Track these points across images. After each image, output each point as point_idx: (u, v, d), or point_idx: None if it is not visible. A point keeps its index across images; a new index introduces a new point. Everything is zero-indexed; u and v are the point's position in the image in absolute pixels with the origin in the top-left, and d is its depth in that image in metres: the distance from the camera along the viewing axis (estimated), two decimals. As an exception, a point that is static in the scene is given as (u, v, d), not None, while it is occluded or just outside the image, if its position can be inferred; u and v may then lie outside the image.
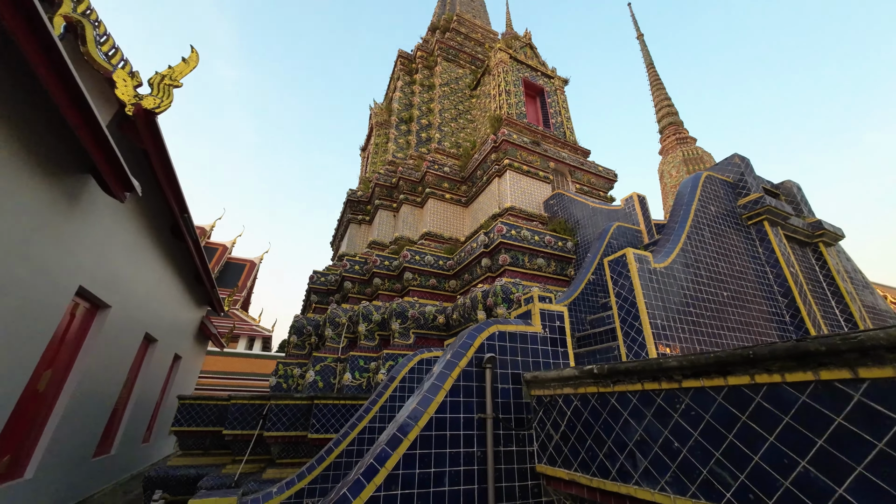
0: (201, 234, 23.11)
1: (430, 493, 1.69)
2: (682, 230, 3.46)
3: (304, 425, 4.46)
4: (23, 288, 3.65)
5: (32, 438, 4.57)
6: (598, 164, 8.96)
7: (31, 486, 4.46)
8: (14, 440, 4.26)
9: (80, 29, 4.14)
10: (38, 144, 3.53)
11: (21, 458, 4.44)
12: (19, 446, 4.35)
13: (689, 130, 21.01)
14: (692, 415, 1.28)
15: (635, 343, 2.78)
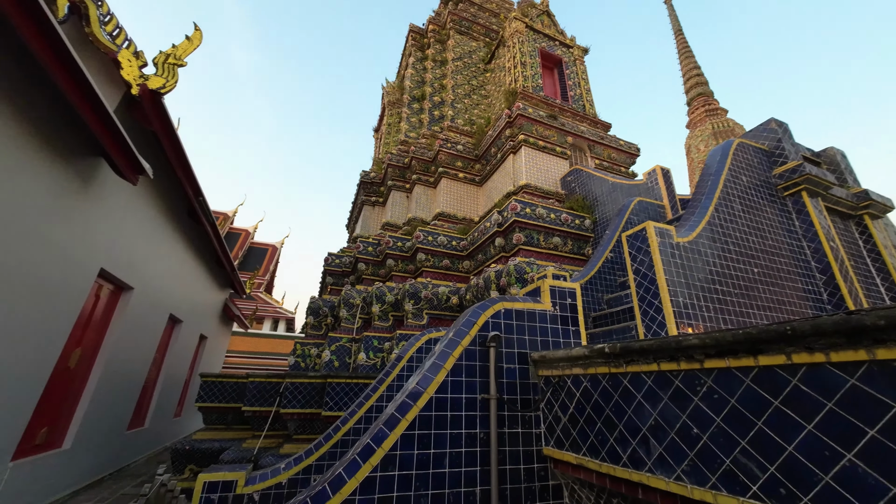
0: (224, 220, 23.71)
1: (430, 475, 1.62)
2: (709, 202, 3.20)
3: (318, 403, 4.52)
4: (42, 269, 3.76)
5: (67, 412, 4.84)
6: (619, 139, 8.51)
7: (68, 455, 4.74)
8: (50, 413, 4.51)
9: (84, 9, 4.09)
10: (47, 129, 3.56)
11: (58, 430, 4.71)
12: (55, 419, 4.61)
13: (719, 102, 19.70)
14: (715, 398, 1.13)
15: (654, 322, 2.61)
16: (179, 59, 4.37)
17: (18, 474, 3.87)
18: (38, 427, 4.31)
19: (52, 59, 3.03)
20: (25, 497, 4.00)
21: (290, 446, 4.49)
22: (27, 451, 4.12)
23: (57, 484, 4.54)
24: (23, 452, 4.03)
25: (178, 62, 4.36)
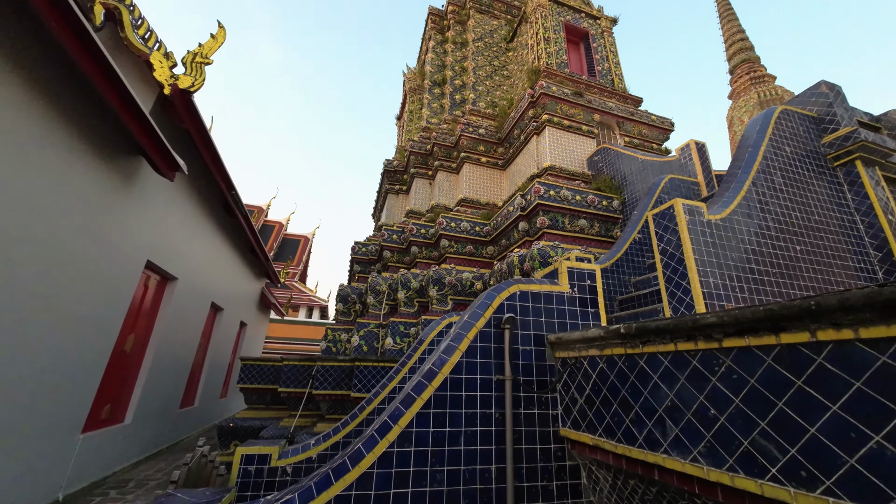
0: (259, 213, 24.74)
1: (446, 452, 1.66)
2: (745, 176, 2.98)
3: (347, 385, 4.71)
4: (96, 262, 4.10)
5: (126, 391, 5.32)
6: (650, 114, 8.05)
7: (129, 430, 5.24)
8: (111, 391, 4.98)
9: (118, 14, 4.31)
10: (92, 132, 3.83)
11: (119, 407, 5.20)
12: (116, 397, 5.09)
13: (766, 68, 18.06)
14: (734, 378, 1.08)
15: (682, 304, 2.50)
16: (206, 58, 4.54)
17: (88, 445, 4.32)
18: (102, 404, 4.78)
19: (95, 70, 3.25)
20: (94, 466, 4.48)
21: (322, 425, 4.73)
22: (94, 425, 4.58)
23: (121, 455, 5.04)
24: (90, 426, 4.49)
25: (205, 60, 4.53)
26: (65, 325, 3.77)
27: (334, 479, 1.52)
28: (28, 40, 3.06)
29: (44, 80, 3.24)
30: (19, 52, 2.98)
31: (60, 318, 3.69)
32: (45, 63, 3.24)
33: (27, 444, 3.42)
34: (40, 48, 3.18)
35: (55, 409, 3.75)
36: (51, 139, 3.35)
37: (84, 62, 3.15)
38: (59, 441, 3.85)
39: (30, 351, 3.38)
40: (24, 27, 3.01)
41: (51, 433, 3.72)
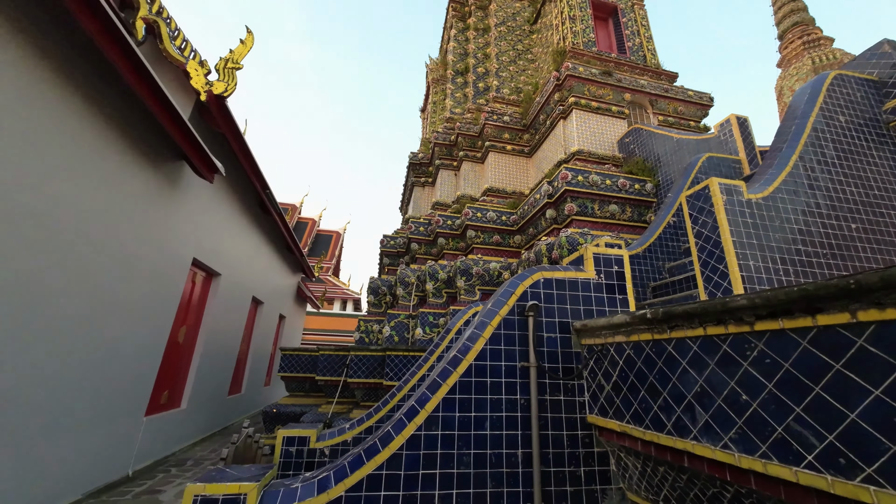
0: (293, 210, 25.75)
1: (472, 436, 1.71)
2: (791, 151, 2.77)
3: (379, 373, 4.88)
4: (149, 260, 4.45)
5: (181, 379, 5.79)
6: (687, 89, 7.58)
7: (185, 414, 5.71)
8: (169, 378, 5.43)
9: (157, 28, 4.59)
10: (140, 139, 4.13)
11: (176, 393, 5.67)
12: (172, 384, 5.55)
13: (822, 30, 16.37)
14: (766, 363, 1.04)
15: (719, 289, 2.38)
16: (237, 63, 4.75)
17: (150, 428, 4.76)
18: (161, 390, 5.23)
19: (141, 84, 3.51)
20: (157, 446, 4.93)
21: (358, 411, 4.94)
22: (155, 409, 5.03)
23: (179, 437, 5.51)
24: (152, 410, 4.94)
25: (236, 66, 4.74)
26: (126, 318, 4.14)
27: (366, 459, 1.61)
28: (81, 60, 3.34)
29: (98, 95, 3.53)
30: (75, 70, 3.26)
31: (122, 311, 4.07)
32: (98, 79, 3.52)
33: (102, 426, 3.82)
34: (92, 67, 3.45)
35: (123, 394, 4.16)
36: (105, 149, 3.65)
37: (131, 78, 3.40)
38: (128, 423, 4.27)
39: (100, 342, 3.75)
40: (77, 51, 3.28)
41: (121, 415, 4.13)
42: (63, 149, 3.19)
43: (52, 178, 3.09)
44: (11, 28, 2.71)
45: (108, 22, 3.00)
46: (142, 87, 3.55)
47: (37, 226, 2.97)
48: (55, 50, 3.08)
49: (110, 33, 3.09)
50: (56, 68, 3.09)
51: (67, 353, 3.37)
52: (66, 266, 3.29)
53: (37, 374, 3.06)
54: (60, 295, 3.24)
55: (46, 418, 3.17)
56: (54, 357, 3.23)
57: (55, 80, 3.08)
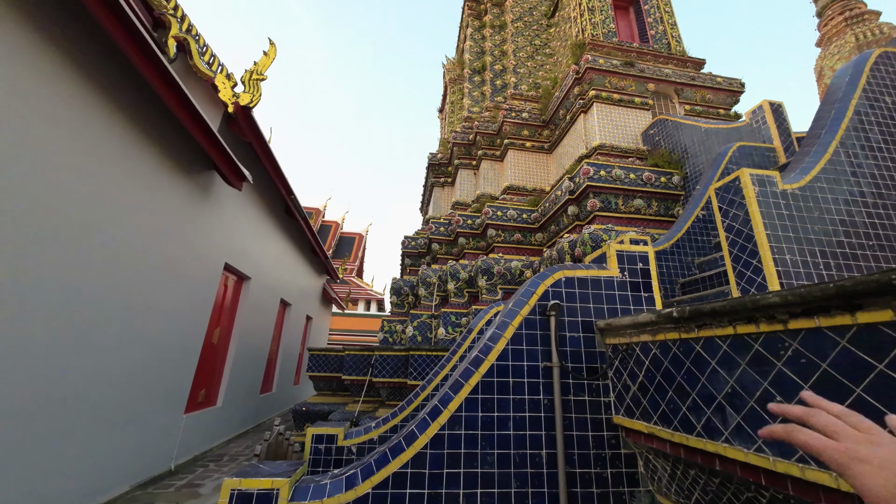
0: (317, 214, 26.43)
1: (495, 436, 1.71)
2: (830, 137, 2.61)
3: (403, 373, 4.94)
4: (186, 265, 4.70)
5: (216, 378, 6.07)
6: (715, 76, 7.25)
7: (221, 412, 5.98)
8: (206, 378, 5.71)
9: (187, 45, 4.82)
10: (173, 151, 4.36)
11: (212, 391, 5.96)
12: (209, 383, 5.83)
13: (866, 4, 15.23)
14: (802, 363, 0.99)
15: (753, 285, 2.27)
16: (261, 74, 4.93)
17: (190, 424, 5.02)
18: (199, 389, 5.51)
19: (174, 100, 3.72)
20: (196, 442, 5.19)
21: (383, 410, 5.03)
22: (193, 407, 5.30)
23: (215, 433, 5.79)
24: (191, 408, 5.21)
25: (261, 77, 4.92)
26: (167, 321, 4.39)
27: (391, 458, 1.64)
28: (122, 82, 3.56)
29: (137, 114, 3.75)
30: (116, 90, 3.49)
31: (163, 314, 4.31)
32: (136, 98, 3.75)
33: (147, 422, 4.07)
34: (132, 87, 3.68)
35: (165, 392, 4.41)
36: (144, 164, 3.88)
37: (166, 95, 3.62)
38: (170, 420, 4.52)
39: (144, 343, 4.00)
40: (117, 74, 3.51)
41: (163, 413, 4.38)
42: (110, 167, 3.42)
43: (101, 194, 3.32)
44: (73, 64, 2.93)
45: (146, 46, 3.19)
46: (175, 103, 3.75)
47: (88, 238, 3.20)
48: (101, 79, 3.30)
49: (148, 57, 3.29)
50: (104, 93, 3.31)
51: (118, 354, 3.62)
52: (115, 274, 3.53)
53: (95, 374, 3.31)
54: (109, 301, 3.48)
55: (103, 415, 3.41)
56: (109, 359, 3.47)
57: (104, 105, 3.31)
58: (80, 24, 3.12)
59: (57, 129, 2.91)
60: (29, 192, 2.69)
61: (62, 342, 2.98)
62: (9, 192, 2.55)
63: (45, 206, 2.81)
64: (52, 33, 2.87)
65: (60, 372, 2.96)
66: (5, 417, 2.55)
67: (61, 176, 2.95)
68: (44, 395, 2.83)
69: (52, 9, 2.86)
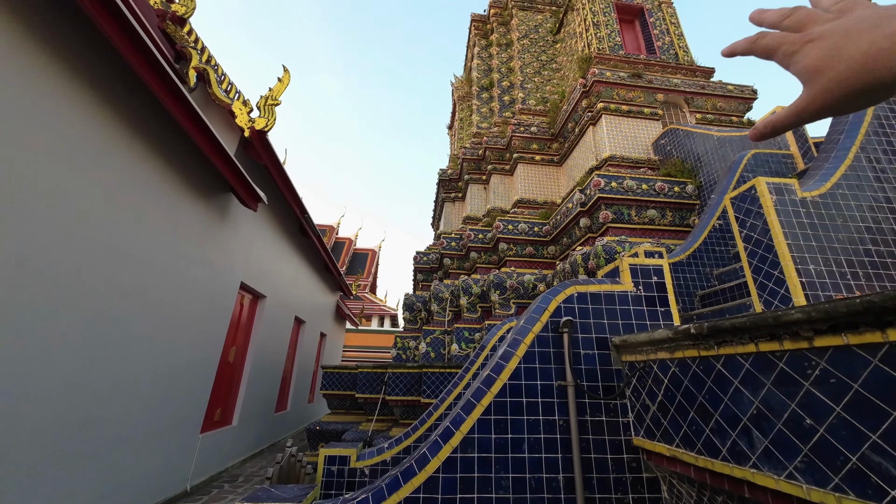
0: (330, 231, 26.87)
1: (510, 459, 1.66)
2: (850, 141, 2.53)
3: (417, 391, 4.88)
4: (204, 285, 4.80)
5: (232, 397, 6.11)
6: (725, 84, 7.20)
7: (236, 431, 5.99)
8: (222, 397, 5.75)
9: (206, 75, 5.06)
10: (193, 175, 4.53)
11: (228, 411, 5.99)
12: (225, 402, 5.87)
13: (880, 5, 14.92)
14: (831, 383, 0.93)
15: (776, 297, 2.18)
16: (276, 100, 5.11)
17: (206, 444, 5.04)
18: (215, 408, 5.54)
19: (194, 128, 3.88)
20: (212, 461, 5.20)
21: (397, 429, 4.95)
22: (209, 426, 5.33)
23: (230, 453, 5.78)
24: (207, 427, 5.23)
25: (275, 102, 5.10)
26: (184, 340, 4.47)
27: (403, 482, 1.60)
28: (145, 111, 3.75)
29: (160, 142, 3.93)
30: (141, 121, 3.67)
31: (182, 333, 4.39)
32: (159, 127, 3.93)
33: (164, 442, 4.11)
34: (153, 115, 3.86)
35: (182, 411, 4.45)
36: (165, 187, 4.03)
37: (187, 124, 3.79)
38: (186, 439, 4.55)
39: (163, 362, 4.07)
40: (140, 103, 3.69)
41: (180, 432, 4.41)
42: (135, 194, 3.57)
43: (128, 220, 3.46)
44: (102, 98, 3.11)
45: (169, 81, 3.36)
46: (195, 131, 3.92)
47: (118, 262, 3.32)
48: (126, 110, 3.48)
49: (171, 91, 3.47)
50: (129, 125, 3.49)
51: (140, 375, 3.69)
52: (140, 297, 3.64)
53: (117, 395, 3.38)
54: (134, 323, 3.58)
55: (124, 435, 3.47)
56: (130, 380, 3.55)
57: (129, 135, 3.48)
58: (107, 61, 3.31)
59: (90, 160, 3.06)
60: (64, 221, 2.82)
61: (89, 364, 3.06)
62: (50, 221, 2.68)
63: (78, 234, 2.94)
64: (81, 69, 3.05)
65: (85, 393, 3.03)
66: (32, 440, 2.61)
67: (93, 204, 3.09)
68: (68, 417, 2.89)
69: (82, 46, 3.05)
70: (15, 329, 2.50)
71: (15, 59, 2.50)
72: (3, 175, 2.40)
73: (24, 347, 2.56)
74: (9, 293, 2.44)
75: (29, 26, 2.60)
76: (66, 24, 2.90)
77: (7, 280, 2.43)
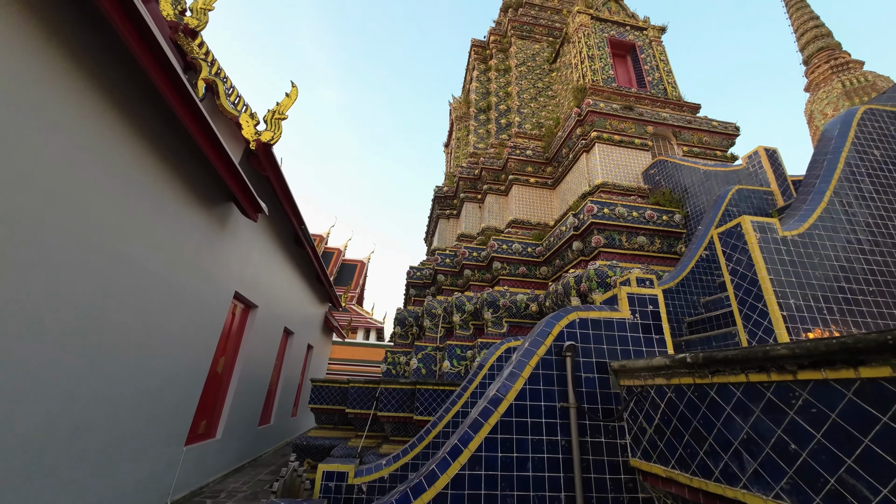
0: (319, 241, 26.69)
1: (514, 477, 1.74)
2: (825, 186, 2.77)
3: (409, 407, 4.89)
4: (198, 293, 4.78)
5: (218, 409, 5.98)
6: (711, 119, 7.63)
7: (220, 444, 5.85)
8: (207, 408, 5.63)
9: (215, 87, 5.16)
10: (195, 184, 4.57)
11: (213, 423, 5.85)
12: (210, 414, 5.74)
13: (850, 54, 16.16)
14: (813, 412, 1.06)
15: (759, 328, 2.35)
16: (283, 114, 5.23)
17: (189, 457, 4.91)
18: (200, 420, 5.42)
19: (202, 137, 3.94)
20: (195, 476, 5.06)
21: (387, 446, 4.93)
22: (194, 439, 5.20)
23: (214, 467, 5.63)
24: (191, 440, 5.11)
25: (282, 116, 5.22)
26: (176, 349, 4.42)
27: (413, 498, 1.66)
28: (154, 118, 3.81)
29: (168, 152, 3.98)
30: (150, 129, 3.72)
31: (173, 342, 4.34)
32: (163, 131, 3.98)
33: (150, 454, 4.01)
34: (163, 123, 3.93)
35: (169, 422, 4.36)
36: (169, 194, 4.06)
37: (197, 134, 3.85)
38: (171, 452, 4.44)
39: (152, 372, 4.01)
40: (151, 111, 3.76)
41: (165, 444, 4.31)
42: (140, 200, 3.59)
43: (131, 225, 3.47)
44: (112, 102, 3.18)
45: (183, 90, 3.45)
46: (204, 141, 3.98)
47: (116, 268, 3.32)
48: (136, 117, 3.55)
49: (184, 100, 3.55)
50: (139, 131, 3.54)
51: (130, 383, 3.63)
52: (136, 304, 3.62)
53: (107, 404, 3.32)
54: (128, 330, 3.55)
55: (112, 446, 3.39)
56: (121, 388, 3.49)
57: (138, 143, 3.53)
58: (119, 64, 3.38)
59: (94, 161, 3.10)
60: (62, 222, 2.83)
61: (81, 371, 3.02)
62: (48, 222, 2.69)
63: (77, 236, 2.95)
64: (91, 69, 3.12)
65: (77, 400, 2.98)
66: (20, 447, 2.56)
67: (94, 206, 3.11)
68: (60, 424, 2.83)
69: (94, 48, 3.13)
70: (9, 331, 2.48)
71: (32, 57, 2.57)
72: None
73: (20, 350, 2.53)
74: (2, 295, 2.43)
75: (45, 24, 2.67)
76: (84, 27, 2.96)
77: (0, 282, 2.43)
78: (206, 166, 4.64)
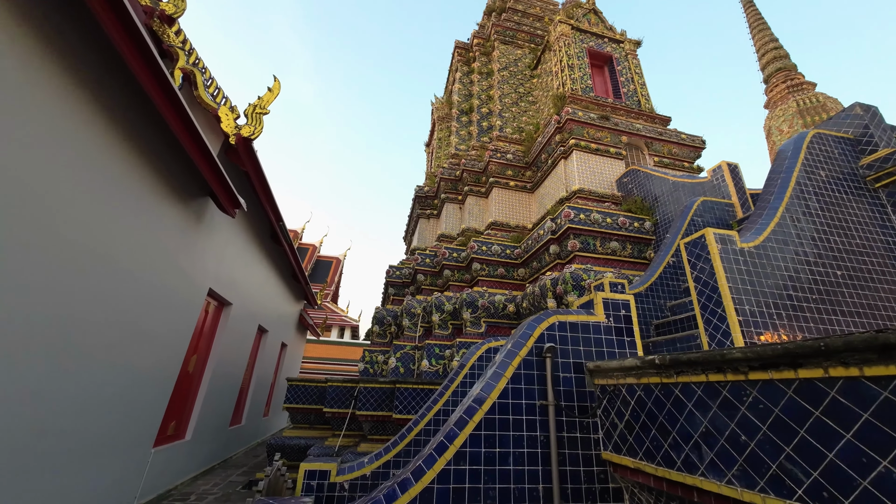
0: (295, 236, 26.06)
1: (497, 471, 1.84)
2: (778, 202, 3.04)
3: (388, 406, 4.94)
4: (172, 290, 4.63)
5: (188, 409, 5.80)
6: (680, 132, 8.06)
7: (190, 445, 5.68)
8: (177, 409, 5.46)
9: (193, 77, 5.00)
10: (171, 177, 4.42)
11: (182, 424, 5.67)
12: (180, 415, 5.57)
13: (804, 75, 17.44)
14: (760, 408, 1.22)
15: (718, 332, 2.57)
16: (264, 109, 5.13)
17: (158, 459, 4.76)
18: (169, 421, 5.25)
19: (181, 129, 3.82)
20: (163, 478, 4.90)
21: (365, 445, 4.96)
22: (163, 440, 5.04)
23: (183, 469, 5.47)
24: (160, 441, 4.94)
25: (263, 111, 5.12)
26: (147, 347, 4.27)
27: (400, 493, 1.74)
28: (129, 102, 3.67)
29: (143, 141, 3.84)
30: (122, 115, 3.59)
31: (144, 340, 4.20)
32: (143, 127, 3.84)
33: (117, 456, 3.86)
34: (138, 110, 3.79)
35: (137, 424, 4.21)
36: (143, 186, 3.92)
37: (175, 125, 3.73)
38: (139, 454, 4.29)
39: (123, 372, 3.86)
40: (124, 96, 3.62)
41: (133, 446, 4.16)
42: (111, 191, 3.45)
43: (102, 218, 3.33)
44: (80, 82, 3.04)
45: (161, 75, 3.35)
46: (182, 131, 3.86)
47: (87, 263, 3.18)
48: (109, 101, 3.41)
49: (161, 86, 3.44)
50: (111, 117, 3.40)
51: (100, 383, 3.50)
52: (107, 300, 3.48)
53: (76, 404, 3.18)
54: (98, 328, 3.41)
55: (80, 448, 3.25)
56: (91, 388, 3.36)
57: (109, 129, 3.39)
58: (92, 44, 3.24)
59: (62, 149, 2.96)
60: (32, 216, 2.70)
61: (46, 371, 2.89)
62: (14, 216, 2.56)
63: (47, 230, 2.82)
64: (64, 51, 2.99)
65: (46, 402, 2.85)
66: (-20, 451, 2.44)
67: (64, 199, 2.98)
68: (27, 425, 2.71)
69: (69, 33, 2.99)
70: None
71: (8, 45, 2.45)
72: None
73: (-15, 352, 2.41)
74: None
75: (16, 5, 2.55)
76: (56, 9, 2.84)
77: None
78: (184, 159, 4.50)
